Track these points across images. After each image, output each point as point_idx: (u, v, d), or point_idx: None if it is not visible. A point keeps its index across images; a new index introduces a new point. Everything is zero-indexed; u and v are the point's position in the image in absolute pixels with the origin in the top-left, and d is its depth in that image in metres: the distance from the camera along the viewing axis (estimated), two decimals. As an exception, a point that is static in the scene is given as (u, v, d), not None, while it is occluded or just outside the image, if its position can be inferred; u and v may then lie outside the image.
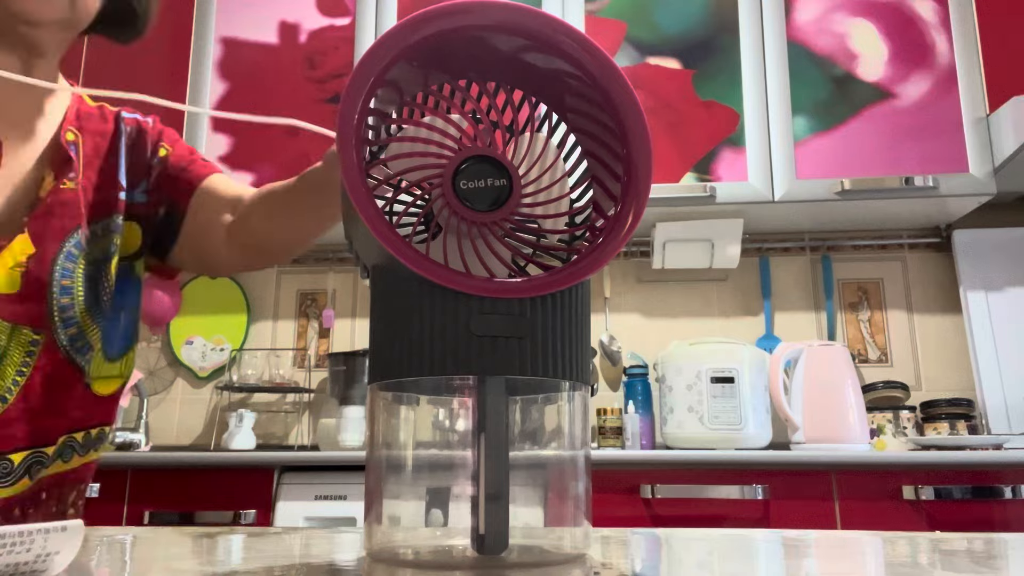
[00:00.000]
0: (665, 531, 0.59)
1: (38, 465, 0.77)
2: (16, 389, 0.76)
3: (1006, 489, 1.64)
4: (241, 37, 2.31)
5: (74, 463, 0.83)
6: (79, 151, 0.83)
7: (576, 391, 0.43)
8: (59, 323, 0.79)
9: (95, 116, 0.88)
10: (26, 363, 0.77)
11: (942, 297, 2.30)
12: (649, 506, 1.72)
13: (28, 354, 0.76)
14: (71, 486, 0.84)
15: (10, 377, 0.75)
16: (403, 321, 0.40)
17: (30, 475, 0.76)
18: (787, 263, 2.37)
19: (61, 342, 0.78)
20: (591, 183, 0.46)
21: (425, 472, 0.44)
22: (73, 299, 0.80)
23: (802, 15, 2.16)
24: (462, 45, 0.43)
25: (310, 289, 2.50)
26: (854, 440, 1.85)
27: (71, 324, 0.80)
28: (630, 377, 2.19)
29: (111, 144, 0.87)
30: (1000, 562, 0.42)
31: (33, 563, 0.35)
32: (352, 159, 0.39)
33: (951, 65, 2.08)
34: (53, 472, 0.80)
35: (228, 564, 0.42)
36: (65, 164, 0.81)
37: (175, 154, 0.91)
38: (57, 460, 0.80)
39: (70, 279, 0.79)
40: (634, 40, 2.18)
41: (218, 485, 1.81)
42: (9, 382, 0.75)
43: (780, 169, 2.07)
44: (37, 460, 0.77)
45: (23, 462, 0.76)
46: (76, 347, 0.80)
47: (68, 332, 0.79)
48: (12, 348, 0.75)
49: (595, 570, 0.38)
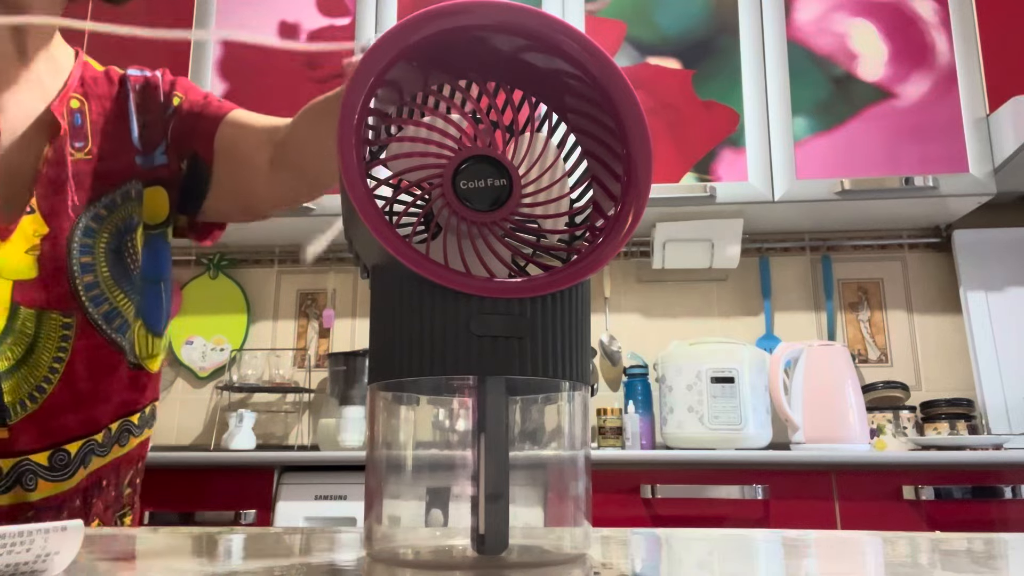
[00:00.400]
0: (665, 531, 0.59)
1: (91, 454, 0.75)
2: (56, 376, 0.73)
3: (1006, 489, 1.64)
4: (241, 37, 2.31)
5: (131, 445, 0.82)
6: (86, 118, 0.79)
7: (576, 391, 0.43)
8: (88, 302, 0.75)
9: (101, 80, 0.83)
10: (62, 348, 0.73)
11: (942, 297, 2.30)
12: (649, 506, 1.72)
13: (63, 339, 0.73)
14: (128, 467, 0.82)
15: (46, 365, 0.72)
16: (403, 321, 0.40)
17: (84, 464, 0.75)
18: (787, 263, 2.37)
19: (96, 322, 0.75)
20: (591, 183, 0.46)
21: (425, 472, 0.44)
22: (96, 276, 0.76)
23: (802, 15, 2.16)
24: (462, 45, 0.43)
25: (310, 289, 2.50)
26: (854, 440, 1.85)
27: (101, 302, 0.76)
28: (630, 377, 2.19)
29: (118, 106, 0.82)
30: (1000, 562, 0.42)
31: (33, 563, 0.35)
32: (352, 159, 0.39)
33: (951, 65, 2.08)
34: (112, 458, 0.78)
35: (228, 564, 0.42)
36: (71, 133, 0.77)
37: (188, 100, 0.85)
38: (114, 445, 0.78)
39: (90, 255, 0.75)
40: (634, 40, 2.18)
41: (218, 485, 1.81)
42: (46, 370, 0.72)
43: (780, 169, 2.07)
44: (90, 449, 0.75)
45: (78, 452, 0.74)
46: (113, 326, 0.76)
47: (100, 311, 0.75)
48: (43, 335, 0.72)
49: (595, 570, 0.38)
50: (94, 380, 0.75)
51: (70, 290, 0.74)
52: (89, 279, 0.75)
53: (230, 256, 2.52)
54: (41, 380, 0.72)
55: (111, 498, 0.80)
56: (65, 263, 0.73)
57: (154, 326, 0.81)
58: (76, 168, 0.76)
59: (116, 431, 0.78)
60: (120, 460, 0.80)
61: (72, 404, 0.73)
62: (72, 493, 0.74)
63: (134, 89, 0.84)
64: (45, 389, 0.72)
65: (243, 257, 2.52)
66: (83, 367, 0.74)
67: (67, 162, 0.76)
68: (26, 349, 0.71)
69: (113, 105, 0.82)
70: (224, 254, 2.52)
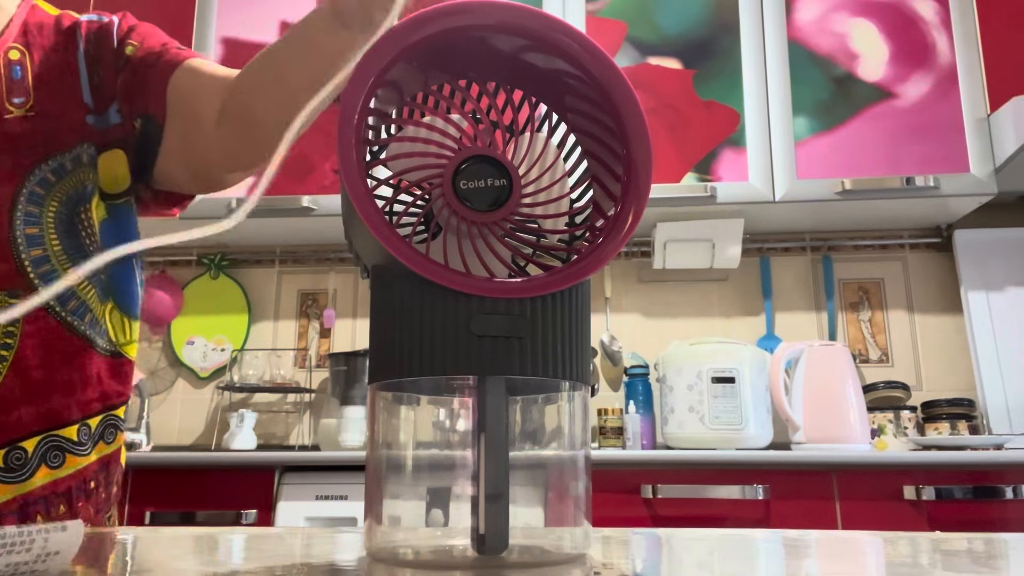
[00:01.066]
0: (666, 531, 0.59)
1: (61, 452, 0.67)
2: (4, 366, 0.64)
3: (1007, 489, 1.64)
4: (241, 37, 2.31)
5: (118, 442, 0.74)
6: (27, 71, 0.69)
7: (576, 391, 0.43)
8: (37, 279, 0.66)
9: (48, 27, 0.73)
10: (9, 333, 0.65)
11: (943, 297, 2.30)
12: (650, 506, 1.72)
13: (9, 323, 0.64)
14: (116, 465, 0.75)
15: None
16: (403, 321, 0.40)
17: (49, 463, 0.66)
18: (788, 263, 2.37)
19: (47, 303, 0.66)
20: (591, 183, 0.46)
21: (425, 472, 0.44)
22: (47, 249, 0.67)
23: (803, 15, 2.16)
24: (462, 45, 0.43)
25: (311, 289, 2.50)
26: (855, 440, 1.85)
27: (52, 278, 0.66)
28: (631, 377, 2.19)
29: (67, 58, 0.72)
30: (1001, 562, 0.42)
31: (33, 563, 0.35)
32: (352, 159, 0.39)
33: (952, 65, 2.08)
34: (98, 456, 0.71)
35: (229, 564, 0.42)
36: (9, 88, 0.67)
37: (144, 48, 0.73)
38: (99, 442, 0.71)
39: (37, 226, 0.66)
40: (635, 40, 2.18)
41: (219, 485, 1.81)
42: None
43: (781, 169, 2.07)
44: (56, 446, 0.67)
45: (36, 449, 0.65)
46: (68, 307, 0.68)
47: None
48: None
49: (595, 570, 0.38)
50: (49, 368, 0.67)
51: (15, 266, 0.65)
52: (37, 253, 0.66)
53: (231, 256, 2.52)
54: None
55: (100, 500, 0.72)
56: (7, 234, 0.65)
57: (130, 308, 0.74)
58: (15, 127, 0.67)
59: (98, 426, 0.71)
60: (108, 458, 0.73)
61: (25, 396, 0.65)
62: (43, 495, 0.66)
63: (87, 38, 0.73)
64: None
65: (244, 257, 2.52)
66: (34, 354, 0.66)
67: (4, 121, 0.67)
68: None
69: (61, 56, 0.71)
70: (225, 254, 2.52)
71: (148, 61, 0.72)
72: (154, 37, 0.75)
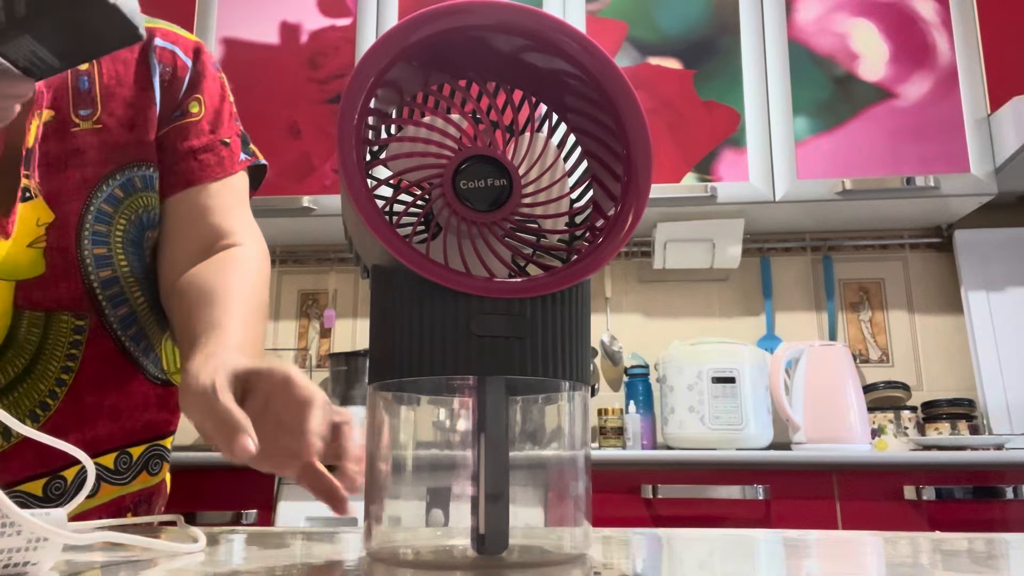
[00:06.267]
0: (666, 531, 0.58)
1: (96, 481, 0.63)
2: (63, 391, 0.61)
3: (1007, 489, 1.64)
4: (242, 37, 2.31)
5: (163, 473, 0.71)
6: (94, 81, 0.66)
7: (576, 391, 0.43)
8: (105, 302, 0.63)
9: None
10: (72, 356, 0.62)
11: (943, 297, 2.30)
12: (650, 506, 1.71)
13: (73, 344, 0.62)
14: (159, 497, 0.72)
15: (53, 376, 0.61)
16: (403, 321, 0.40)
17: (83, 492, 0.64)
18: (788, 263, 2.37)
19: (111, 326, 0.64)
20: (591, 183, 0.46)
21: (425, 472, 0.44)
22: (115, 271, 0.64)
23: (803, 15, 2.16)
24: (462, 45, 0.43)
25: (311, 289, 2.50)
26: (855, 440, 1.85)
27: (120, 303, 0.64)
28: (631, 377, 2.19)
29: (138, 73, 0.68)
30: (1001, 562, 0.42)
31: (25, 548, 0.35)
32: (352, 159, 0.39)
33: (952, 65, 2.08)
34: (140, 488, 0.68)
35: (229, 564, 0.42)
36: (76, 99, 0.64)
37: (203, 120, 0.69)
38: (141, 472, 0.68)
39: (104, 246, 0.63)
40: (635, 40, 2.18)
41: (219, 485, 1.81)
42: (52, 382, 0.61)
43: (781, 169, 2.06)
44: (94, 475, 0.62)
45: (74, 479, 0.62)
46: (129, 333, 0.65)
47: (118, 313, 0.64)
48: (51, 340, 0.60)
49: (595, 570, 0.38)
50: (100, 393, 0.64)
51: (84, 287, 0.62)
52: (107, 274, 0.63)
53: (231, 256, 2.52)
54: (46, 395, 0.62)
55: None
56: (75, 253, 0.62)
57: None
58: (82, 140, 0.64)
59: (141, 456, 0.68)
60: (153, 489, 0.70)
61: (76, 423, 0.63)
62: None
63: (160, 69, 0.70)
64: (50, 405, 0.62)
65: (244, 257, 2.52)
66: (89, 379, 0.63)
67: (70, 134, 0.63)
68: (30, 359, 0.61)
69: (129, 70, 0.68)
70: (225, 254, 2.52)
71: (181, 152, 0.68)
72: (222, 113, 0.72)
